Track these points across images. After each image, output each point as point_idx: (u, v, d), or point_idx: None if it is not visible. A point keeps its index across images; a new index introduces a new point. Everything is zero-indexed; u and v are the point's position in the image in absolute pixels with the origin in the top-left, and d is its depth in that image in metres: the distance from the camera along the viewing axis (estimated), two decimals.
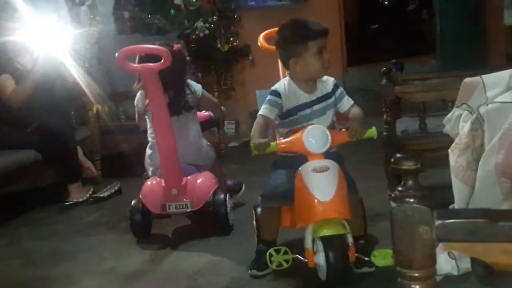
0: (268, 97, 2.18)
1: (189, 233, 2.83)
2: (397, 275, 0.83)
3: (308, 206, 1.96)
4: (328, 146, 2.03)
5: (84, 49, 4.03)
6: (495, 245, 0.74)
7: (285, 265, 2.10)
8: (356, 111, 2.20)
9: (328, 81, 2.24)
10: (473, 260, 1.89)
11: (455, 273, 1.95)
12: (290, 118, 2.19)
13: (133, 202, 2.77)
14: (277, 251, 2.12)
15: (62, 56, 3.48)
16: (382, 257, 2.02)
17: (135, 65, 2.67)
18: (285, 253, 2.10)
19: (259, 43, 2.46)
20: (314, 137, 2.03)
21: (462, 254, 0.87)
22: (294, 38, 2.13)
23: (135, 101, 2.89)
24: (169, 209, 2.71)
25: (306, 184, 1.97)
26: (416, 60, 5.41)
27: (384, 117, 2.55)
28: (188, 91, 2.84)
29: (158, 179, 2.77)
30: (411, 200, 0.81)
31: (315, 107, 2.18)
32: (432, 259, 0.79)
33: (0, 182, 3.30)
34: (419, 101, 2.50)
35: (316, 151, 2.03)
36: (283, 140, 2.10)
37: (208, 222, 2.82)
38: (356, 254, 1.98)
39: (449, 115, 2.12)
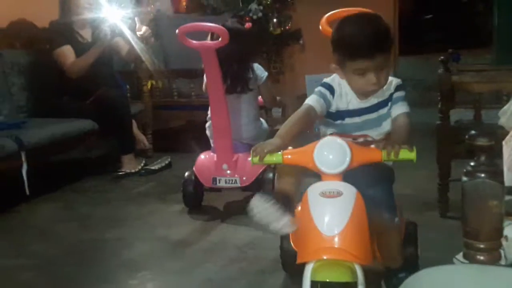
0: (318, 88, 1.82)
1: (237, 208, 2.91)
2: (463, 245, 0.87)
3: (309, 239, 1.52)
4: (345, 166, 1.55)
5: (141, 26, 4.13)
6: None
7: None
8: (400, 121, 1.75)
9: (391, 84, 1.79)
10: None
11: (503, 263, 1.96)
12: (338, 121, 1.82)
13: (186, 174, 2.88)
14: None
15: (121, 32, 3.60)
16: None
17: (194, 42, 2.75)
18: None
19: (320, 27, 2.37)
20: (328, 152, 1.57)
21: None
22: (336, 48, 1.75)
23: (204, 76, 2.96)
24: (219, 183, 2.80)
25: (310, 210, 1.53)
26: (470, 53, 5.32)
27: (439, 106, 2.55)
28: (250, 74, 2.89)
29: (212, 153, 2.87)
30: (483, 175, 0.84)
31: (367, 116, 1.80)
32: (498, 232, 0.84)
33: (57, 149, 3.44)
34: (475, 92, 2.49)
35: (327, 171, 1.56)
36: (291, 150, 1.63)
37: None
38: None
39: (505, 107, 2.12)
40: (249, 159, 2.72)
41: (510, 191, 0.82)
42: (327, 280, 1.45)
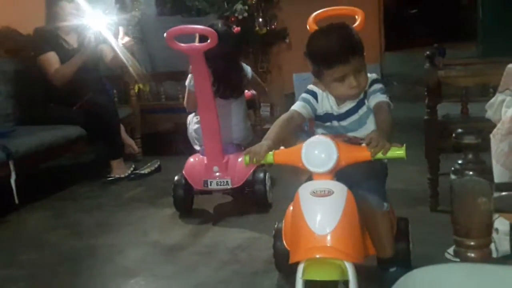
0: (302, 94, 1.89)
1: (229, 209, 2.92)
2: (454, 243, 0.88)
3: (301, 238, 1.55)
4: (333, 164, 1.58)
5: (127, 30, 4.11)
6: None
7: None
8: (383, 113, 1.75)
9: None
10: None
11: (494, 255, 1.97)
12: (328, 123, 1.89)
13: (176, 178, 2.86)
14: None
15: (106, 37, 3.58)
16: None
17: (182, 45, 2.73)
18: None
19: (308, 26, 2.38)
20: (315, 151, 1.59)
21: None
22: (312, 61, 1.81)
23: (187, 81, 2.93)
24: (210, 185, 2.80)
25: (302, 210, 1.55)
26: (455, 46, 5.36)
27: (426, 101, 2.56)
28: (243, 76, 2.89)
29: (201, 156, 2.86)
30: (471, 173, 0.85)
31: (351, 119, 1.86)
32: (488, 229, 0.84)
33: (46, 157, 3.42)
34: (461, 86, 2.50)
35: (315, 170, 1.59)
36: (281, 150, 1.69)
37: (248, 200, 2.90)
38: None
39: (492, 100, 2.13)
40: (240, 159, 2.78)
41: (498, 188, 0.83)
42: (317, 279, 1.48)
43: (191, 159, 2.89)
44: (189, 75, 2.90)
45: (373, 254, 1.87)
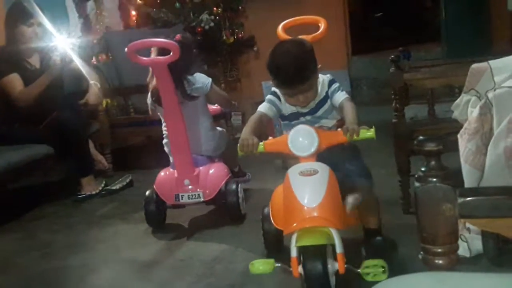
0: (268, 96, 2.12)
1: (202, 222, 2.89)
2: (421, 250, 0.87)
3: (293, 212, 1.80)
4: (315, 148, 1.87)
5: (91, 44, 4.07)
6: None
7: (266, 271, 1.88)
8: (348, 107, 2.01)
9: (323, 83, 2.10)
10: (485, 243, 1.93)
11: (467, 255, 2.00)
12: (295, 121, 2.11)
13: (147, 193, 2.82)
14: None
15: (70, 53, 3.52)
16: (373, 272, 1.77)
17: (145, 58, 2.71)
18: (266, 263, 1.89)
19: (277, 34, 2.44)
20: (299, 138, 1.89)
21: (484, 229, 0.91)
22: (269, 72, 2.03)
23: (148, 97, 2.90)
24: (182, 199, 2.77)
25: (292, 188, 1.82)
26: (421, 48, 5.43)
27: (393, 104, 2.58)
28: (185, 83, 2.80)
29: (171, 169, 2.83)
30: (434, 179, 0.85)
31: (315, 115, 2.11)
32: (454, 235, 0.84)
33: (13, 177, 3.35)
34: (427, 88, 2.53)
35: (300, 154, 1.88)
36: (271, 140, 1.98)
37: (221, 212, 2.87)
38: (346, 266, 1.75)
39: (458, 101, 2.15)
40: (211, 171, 2.76)
41: (462, 194, 0.82)
42: (309, 244, 1.73)
43: (161, 173, 2.86)
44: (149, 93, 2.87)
45: (354, 225, 2.10)
